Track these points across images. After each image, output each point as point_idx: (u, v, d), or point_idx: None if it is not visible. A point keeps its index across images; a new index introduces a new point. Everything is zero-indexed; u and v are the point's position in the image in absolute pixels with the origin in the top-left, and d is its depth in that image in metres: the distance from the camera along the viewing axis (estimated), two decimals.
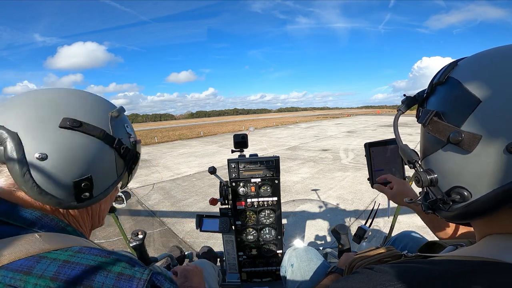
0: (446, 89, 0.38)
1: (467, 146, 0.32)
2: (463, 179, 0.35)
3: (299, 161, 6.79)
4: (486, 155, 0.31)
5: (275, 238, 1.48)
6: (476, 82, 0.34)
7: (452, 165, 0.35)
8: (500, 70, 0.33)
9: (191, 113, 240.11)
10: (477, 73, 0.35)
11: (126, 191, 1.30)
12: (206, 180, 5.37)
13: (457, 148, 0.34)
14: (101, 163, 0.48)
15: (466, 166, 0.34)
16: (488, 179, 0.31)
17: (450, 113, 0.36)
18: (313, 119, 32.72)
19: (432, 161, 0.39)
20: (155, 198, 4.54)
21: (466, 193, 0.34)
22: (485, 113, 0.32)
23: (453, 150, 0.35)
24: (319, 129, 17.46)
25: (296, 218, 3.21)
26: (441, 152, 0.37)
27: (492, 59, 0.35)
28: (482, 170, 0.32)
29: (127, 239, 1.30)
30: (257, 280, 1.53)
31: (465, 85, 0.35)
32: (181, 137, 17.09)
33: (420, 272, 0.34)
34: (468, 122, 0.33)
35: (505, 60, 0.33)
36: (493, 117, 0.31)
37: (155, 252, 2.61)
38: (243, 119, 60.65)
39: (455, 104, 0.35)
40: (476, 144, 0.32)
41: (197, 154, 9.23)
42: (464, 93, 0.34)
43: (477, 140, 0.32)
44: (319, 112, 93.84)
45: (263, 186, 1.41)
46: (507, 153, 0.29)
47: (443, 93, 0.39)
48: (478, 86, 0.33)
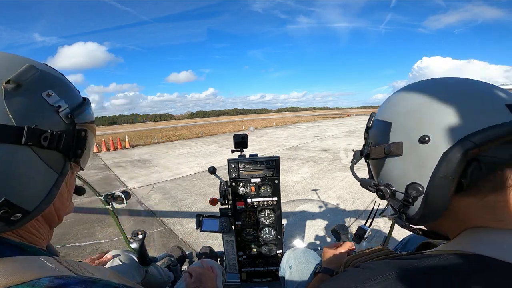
0: (372, 129, 0.53)
1: (398, 152, 0.43)
2: (409, 176, 0.43)
3: (299, 161, 6.79)
4: (411, 151, 0.42)
5: (275, 238, 1.48)
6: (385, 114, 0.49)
7: (397, 170, 0.45)
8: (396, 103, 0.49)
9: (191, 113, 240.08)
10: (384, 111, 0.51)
11: (126, 191, 1.30)
12: (206, 180, 5.37)
13: (392, 157, 0.45)
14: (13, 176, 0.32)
15: (405, 165, 0.43)
16: (423, 166, 0.40)
17: (380, 139, 0.49)
18: (313, 119, 32.72)
19: (383, 176, 0.49)
20: (155, 198, 4.54)
21: (419, 187, 0.41)
22: (396, 127, 0.45)
23: (391, 160, 0.46)
24: (319, 129, 17.46)
25: (296, 218, 3.21)
26: (385, 166, 0.47)
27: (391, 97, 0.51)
28: (416, 162, 0.41)
29: (127, 239, 1.30)
30: (257, 280, 1.53)
31: (381, 118, 0.50)
32: (181, 137, 17.09)
33: (401, 267, 0.38)
34: (391, 137, 0.46)
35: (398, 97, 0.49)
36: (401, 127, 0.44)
37: (155, 252, 2.61)
38: (243, 119, 60.67)
39: (380, 132, 0.49)
40: (402, 147, 0.43)
41: (197, 154, 9.23)
42: (382, 123, 0.49)
43: (401, 145, 0.43)
44: (319, 112, 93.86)
45: (263, 186, 1.41)
46: (420, 143, 0.40)
47: (372, 132, 0.52)
48: (387, 115, 0.48)
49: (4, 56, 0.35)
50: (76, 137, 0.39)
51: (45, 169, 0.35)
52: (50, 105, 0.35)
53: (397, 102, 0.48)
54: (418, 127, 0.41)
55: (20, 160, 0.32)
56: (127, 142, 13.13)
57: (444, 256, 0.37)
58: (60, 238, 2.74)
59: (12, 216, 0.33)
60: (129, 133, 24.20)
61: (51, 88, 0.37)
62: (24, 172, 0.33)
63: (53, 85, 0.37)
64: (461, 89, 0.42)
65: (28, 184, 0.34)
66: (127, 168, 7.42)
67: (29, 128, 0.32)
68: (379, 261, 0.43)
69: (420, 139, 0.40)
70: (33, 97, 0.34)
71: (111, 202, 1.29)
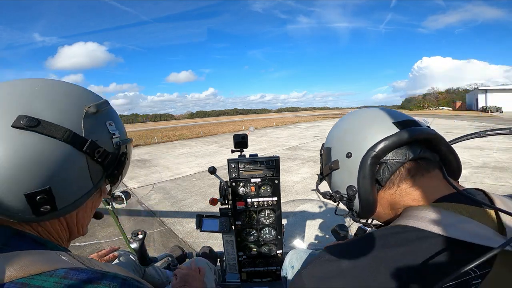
0: (323, 155, 0.68)
1: (335, 166, 0.60)
2: (346, 181, 0.57)
3: (299, 161, 6.79)
4: (344, 164, 0.58)
5: (275, 238, 1.48)
6: (328, 140, 0.66)
7: (339, 180, 0.60)
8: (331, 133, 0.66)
9: (191, 113, 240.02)
10: (327, 139, 0.67)
11: (126, 191, 1.30)
12: (206, 180, 5.37)
13: (334, 172, 0.61)
14: (65, 171, 0.39)
15: (342, 175, 0.59)
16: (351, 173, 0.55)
17: (327, 160, 0.64)
18: (313, 119, 32.71)
19: (333, 186, 0.64)
20: (155, 198, 4.54)
21: (353, 188, 0.55)
22: (334, 149, 0.62)
23: (334, 174, 0.61)
24: (319, 129, 17.46)
25: (296, 218, 3.21)
26: (332, 178, 0.63)
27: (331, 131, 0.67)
28: (347, 171, 0.57)
29: (127, 239, 1.30)
30: (257, 280, 1.53)
31: (326, 145, 0.66)
32: (181, 137, 17.09)
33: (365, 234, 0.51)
34: (332, 157, 0.61)
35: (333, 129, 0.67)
36: (335, 149, 0.61)
37: (155, 252, 2.61)
38: (243, 119, 60.66)
39: (326, 155, 0.65)
40: (338, 163, 0.59)
41: (197, 154, 9.23)
42: (326, 149, 0.65)
43: (337, 161, 0.59)
44: (319, 112, 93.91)
45: (263, 186, 1.41)
46: (347, 158, 0.56)
47: (324, 157, 0.67)
48: (329, 142, 0.65)
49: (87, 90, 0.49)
50: (117, 160, 0.48)
51: (86, 177, 0.43)
52: (109, 131, 0.47)
53: (333, 131, 0.66)
54: (344, 147, 0.58)
55: (76, 162, 0.41)
56: None
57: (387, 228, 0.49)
58: None
59: (43, 206, 0.38)
60: (129, 133, 24.12)
61: (113, 120, 0.49)
62: (72, 172, 0.41)
63: (114, 119, 0.50)
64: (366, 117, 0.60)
65: (70, 183, 0.41)
66: None
67: (92, 141, 0.42)
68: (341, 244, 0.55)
69: (347, 155, 0.56)
70: (101, 122, 0.46)
71: (111, 202, 1.28)
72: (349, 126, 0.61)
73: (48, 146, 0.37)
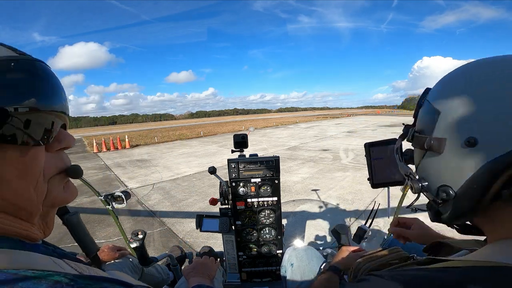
0: (422, 109, 0.46)
1: (437, 149, 0.39)
2: (443, 178, 0.40)
3: (299, 161, 6.79)
4: (453, 153, 0.37)
5: (275, 238, 1.48)
6: (437, 99, 0.42)
7: (433, 168, 0.41)
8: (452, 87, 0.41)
9: (191, 113, 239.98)
10: (438, 91, 0.43)
11: (126, 191, 1.30)
12: (206, 180, 5.37)
13: (432, 153, 0.41)
14: None
15: (442, 166, 0.40)
16: (460, 172, 0.37)
17: (425, 127, 0.43)
18: (313, 119, 32.72)
19: (421, 169, 0.45)
20: (155, 198, 4.54)
21: (450, 191, 0.38)
22: (445, 121, 0.39)
23: (430, 156, 0.41)
24: (319, 129, 17.46)
25: (296, 218, 3.21)
26: (424, 160, 0.43)
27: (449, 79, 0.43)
28: (453, 166, 0.38)
29: (127, 239, 1.30)
30: (257, 280, 1.53)
31: (431, 102, 0.42)
32: (181, 137, 17.09)
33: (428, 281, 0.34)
34: (435, 130, 0.40)
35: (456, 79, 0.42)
36: (451, 122, 0.38)
37: (155, 252, 2.61)
38: (243, 119, 60.66)
39: (427, 119, 0.43)
40: (444, 146, 0.38)
41: (197, 154, 9.23)
42: (430, 108, 0.42)
43: (443, 142, 0.38)
44: (319, 112, 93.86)
45: (263, 186, 1.41)
46: (465, 147, 0.35)
47: (421, 114, 0.46)
48: (438, 101, 0.41)
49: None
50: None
51: None
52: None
53: (456, 87, 0.40)
54: (468, 126, 0.35)
55: None
56: (127, 142, 13.13)
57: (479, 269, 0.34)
58: (60, 239, 2.74)
59: None
60: (129, 133, 24.21)
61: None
62: None
63: None
64: None
65: None
66: (127, 168, 7.42)
67: None
68: (403, 272, 0.40)
69: (466, 141, 0.35)
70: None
71: (111, 202, 1.29)
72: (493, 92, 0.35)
73: None
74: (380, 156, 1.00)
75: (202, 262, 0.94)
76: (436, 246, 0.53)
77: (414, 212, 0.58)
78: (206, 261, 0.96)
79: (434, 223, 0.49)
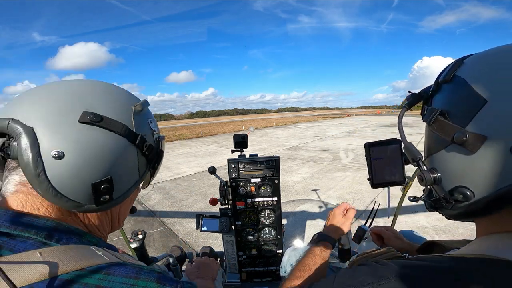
0: (451, 87, 0.38)
1: (472, 147, 0.32)
2: (466, 179, 0.34)
3: (299, 161, 6.79)
4: (491, 156, 0.31)
5: (275, 238, 1.48)
6: (483, 82, 0.33)
7: (456, 165, 0.35)
8: (508, 70, 0.32)
9: (191, 113, 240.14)
10: (484, 73, 0.34)
11: None
12: (206, 180, 5.37)
13: (461, 148, 0.34)
14: (123, 162, 0.44)
15: (470, 166, 0.33)
16: (492, 179, 0.31)
17: (455, 113, 0.35)
18: (313, 119, 32.72)
19: (436, 160, 0.39)
20: (155, 198, 4.54)
21: (469, 193, 0.34)
22: (491, 114, 0.31)
23: (457, 151, 0.35)
24: (319, 129, 17.46)
25: (296, 218, 3.21)
26: (445, 151, 0.37)
27: (500, 59, 0.34)
28: (486, 171, 0.32)
29: (127, 239, 1.30)
30: (257, 280, 1.53)
31: (471, 84, 0.34)
32: (181, 137, 17.09)
33: (422, 268, 0.34)
34: (473, 123, 0.33)
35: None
36: (499, 118, 0.30)
37: (155, 252, 2.61)
38: (243, 119, 60.63)
39: (461, 104, 0.35)
40: (481, 145, 0.31)
41: (197, 154, 9.23)
42: (470, 92, 0.33)
43: (481, 141, 0.31)
44: (319, 112, 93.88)
45: (263, 186, 1.41)
46: (510, 152, 0.29)
47: (448, 92, 0.38)
48: (484, 86, 0.32)
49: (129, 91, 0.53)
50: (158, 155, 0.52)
51: (135, 168, 0.47)
52: (150, 128, 0.51)
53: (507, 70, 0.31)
54: None
55: (130, 155, 0.45)
56: None
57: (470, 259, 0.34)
58: None
59: (103, 196, 0.41)
60: None
61: (152, 118, 0.54)
62: (127, 163, 0.45)
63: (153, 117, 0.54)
64: None
65: (125, 173, 0.45)
66: None
67: (141, 135, 0.46)
68: (400, 261, 0.39)
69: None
70: (144, 120, 0.50)
71: None
72: None
73: (109, 139, 0.41)
74: (380, 156, 1.00)
75: (204, 262, 0.94)
76: (428, 247, 0.54)
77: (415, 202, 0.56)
78: (208, 262, 0.96)
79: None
